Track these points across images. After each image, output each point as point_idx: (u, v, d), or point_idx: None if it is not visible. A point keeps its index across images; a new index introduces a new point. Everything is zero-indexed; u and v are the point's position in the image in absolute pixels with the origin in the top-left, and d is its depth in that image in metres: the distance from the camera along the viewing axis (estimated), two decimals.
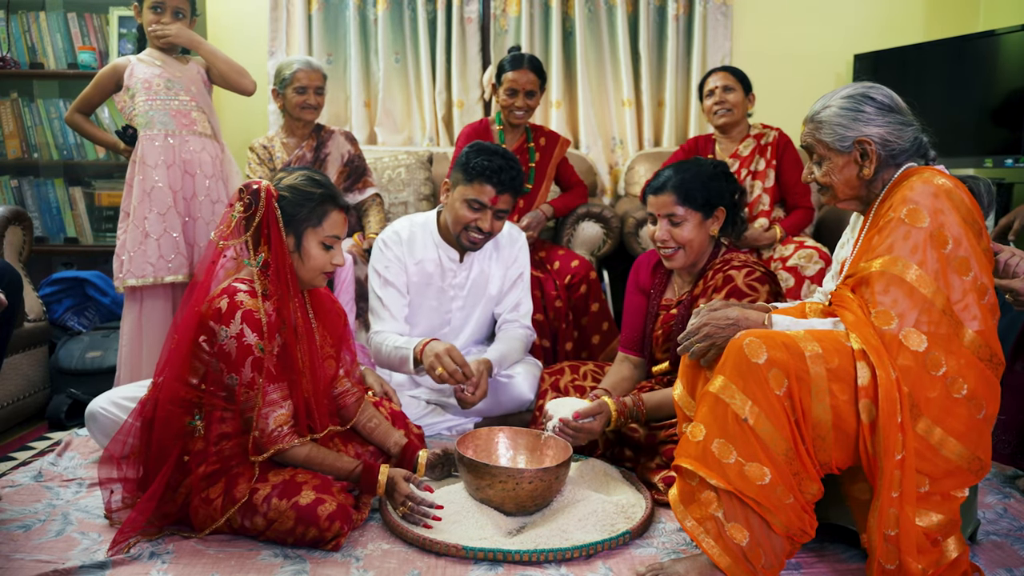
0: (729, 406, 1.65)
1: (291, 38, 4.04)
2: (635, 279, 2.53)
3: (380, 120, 4.12)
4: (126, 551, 1.85)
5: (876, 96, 1.82)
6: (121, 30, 3.80)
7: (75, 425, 2.81)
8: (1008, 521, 2.08)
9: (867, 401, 1.61)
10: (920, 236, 1.67)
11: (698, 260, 2.34)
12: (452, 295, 2.77)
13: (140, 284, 2.86)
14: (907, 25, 4.13)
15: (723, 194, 2.30)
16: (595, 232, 3.53)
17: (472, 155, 2.56)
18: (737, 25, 4.13)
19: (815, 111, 1.87)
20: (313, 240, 2.00)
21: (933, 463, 1.64)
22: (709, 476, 1.66)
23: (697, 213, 2.27)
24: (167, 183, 2.89)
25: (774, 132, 3.37)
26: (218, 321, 1.90)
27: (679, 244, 2.28)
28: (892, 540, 1.60)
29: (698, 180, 2.27)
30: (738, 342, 1.68)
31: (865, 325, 1.66)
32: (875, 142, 1.79)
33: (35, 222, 3.84)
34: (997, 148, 3.43)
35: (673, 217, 2.27)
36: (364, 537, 1.95)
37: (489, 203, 2.55)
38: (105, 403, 2.36)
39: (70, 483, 2.28)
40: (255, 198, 1.93)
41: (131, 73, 2.92)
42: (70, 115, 3.07)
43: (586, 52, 4.09)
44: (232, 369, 1.91)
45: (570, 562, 1.84)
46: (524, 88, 3.29)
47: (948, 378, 1.64)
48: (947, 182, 1.72)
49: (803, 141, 1.92)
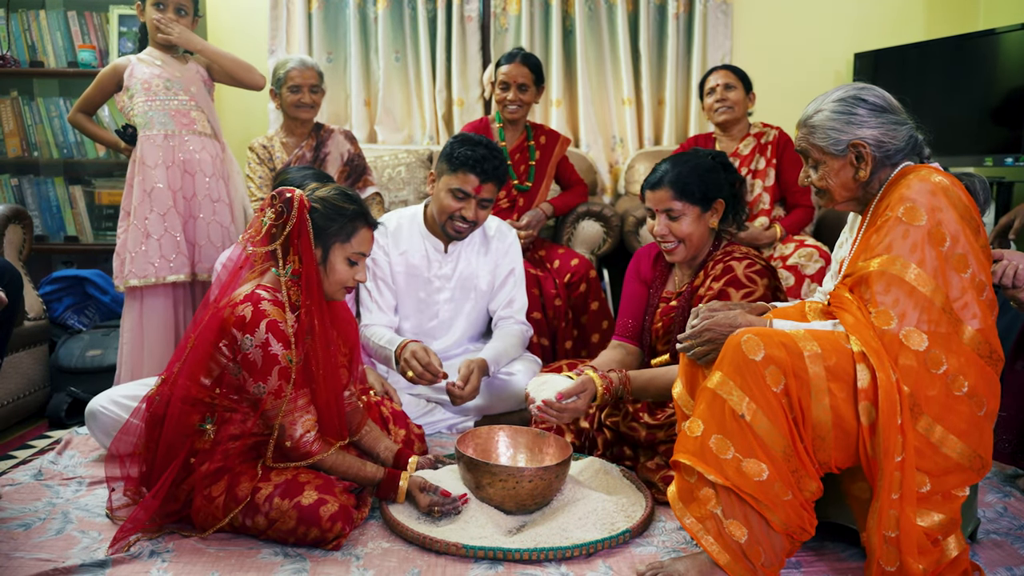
0: (726, 402, 1.66)
1: (291, 36, 4.04)
2: (635, 269, 2.52)
3: (380, 119, 4.12)
4: (126, 549, 1.85)
5: (868, 98, 1.81)
6: (121, 28, 3.80)
7: (75, 423, 2.81)
8: (1008, 520, 2.08)
9: (867, 403, 1.61)
10: (918, 234, 1.67)
11: (699, 253, 2.33)
12: (438, 286, 2.79)
13: (142, 284, 2.87)
14: (907, 24, 4.13)
15: (721, 186, 2.28)
16: (595, 231, 3.53)
17: (456, 145, 2.61)
18: (737, 24, 4.13)
19: (807, 115, 1.86)
20: (340, 255, 2.00)
21: (934, 461, 1.64)
22: (707, 472, 1.66)
23: (695, 207, 2.25)
24: (167, 183, 2.88)
25: (774, 131, 3.37)
26: (242, 329, 1.89)
27: (678, 238, 2.27)
28: (892, 542, 1.60)
29: (695, 173, 2.25)
30: (736, 339, 1.68)
31: (865, 327, 1.65)
32: (870, 144, 1.79)
33: (35, 221, 3.84)
34: (997, 147, 3.43)
35: (671, 212, 2.25)
36: (364, 536, 1.95)
37: (473, 192, 2.60)
38: (105, 402, 2.36)
39: (70, 481, 2.28)
40: (287, 206, 1.93)
41: (131, 73, 2.92)
42: (73, 115, 3.07)
43: (586, 50, 4.09)
44: (259, 378, 1.90)
45: (570, 561, 1.84)
46: (516, 81, 3.29)
47: (949, 376, 1.64)
48: (944, 179, 1.72)
49: (797, 145, 1.91)
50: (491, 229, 2.88)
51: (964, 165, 3.62)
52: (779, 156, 3.35)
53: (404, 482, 2.02)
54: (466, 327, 2.86)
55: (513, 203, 3.40)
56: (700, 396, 1.73)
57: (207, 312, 1.98)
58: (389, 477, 2.03)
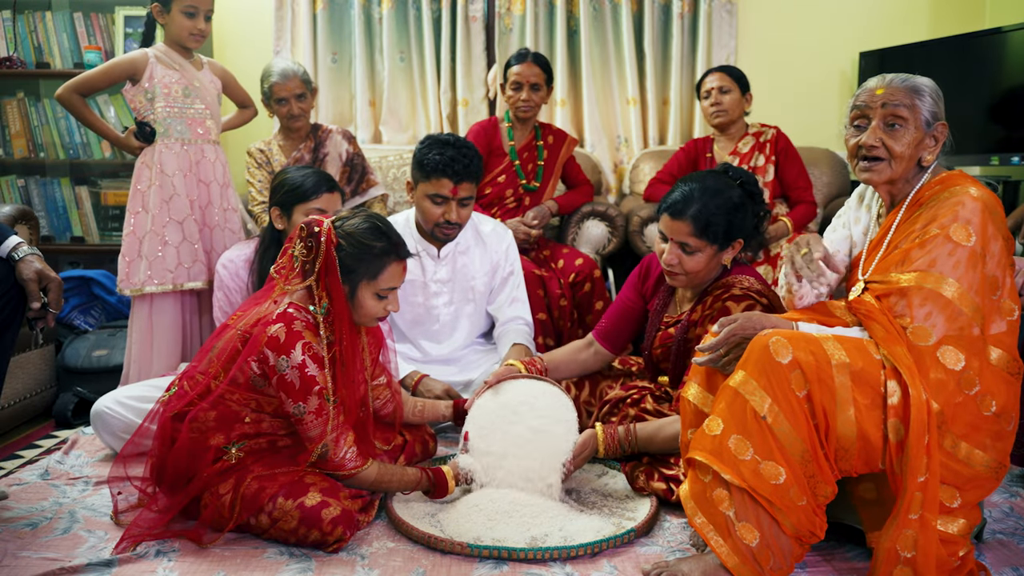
0: (748, 402, 1.63)
1: (296, 37, 4.04)
2: (640, 277, 2.45)
3: (385, 119, 4.13)
4: (132, 549, 1.85)
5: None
6: (127, 29, 3.81)
7: (81, 423, 2.82)
8: (1015, 520, 2.08)
9: (896, 420, 1.59)
10: (964, 254, 1.66)
11: (703, 282, 2.24)
12: (435, 290, 2.79)
13: (160, 291, 2.88)
14: (913, 22, 4.11)
15: (745, 225, 2.16)
16: (600, 231, 3.52)
17: (425, 151, 2.61)
18: (742, 23, 4.12)
19: (904, 78, 1.82)
20: (367, 292, 1.97)
21: (958, 473, 1.65)
22: (723, 471, 1.63)
23: (712, 246, 2.13)
24: (185, 192, 2.91)
25: (772, 130, 3.40)
26: (276, 350, 1.88)
27: (686, 272, 2.16)
28: (909, 562, 1.59)
29: (722, 212, 2.10)
30: (763, 340, 1.65)
31: (896, 341, 1.64)
32: (947, 133, 1.80)
33: (41, 221, 3.85)
34: (1003, 146, 3.42)
35: (686, 246, 2.13)
36: (370, 535, 1.96)
37: (450, 194, 2.61)
38: (111, 403, 2.37)
39: (76, 481, 2.28)
40: (315, 241, 1.91)
41: (151, 75, 2.86)
42: (68, 94, 2.88)
43: (591, 50, 4.08)
44: (298, 399, 1.88)
45: (575, 560, 1.84)
46: (528, 81, 3.29)
47: (979, 397, 1.64)
48: (988, 196, 1.71)
49: (887, 99, 1.80)
50: (486, 229, 2.87)
51: (970, 164, 3.61)
52: (778, 154, 3.38)
53: (451, 476, 2.07)
54: (470, 328, 2.86)
55: (520, 202, 3.40)
56: (721, 394, 1.71)
57: (231, 330, 1.96)
58: (437, 477, 2.05)
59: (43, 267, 2.02)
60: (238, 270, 2.71)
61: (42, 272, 2.01)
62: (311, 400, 1.88)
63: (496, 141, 3.42)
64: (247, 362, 1.90)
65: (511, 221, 3.24)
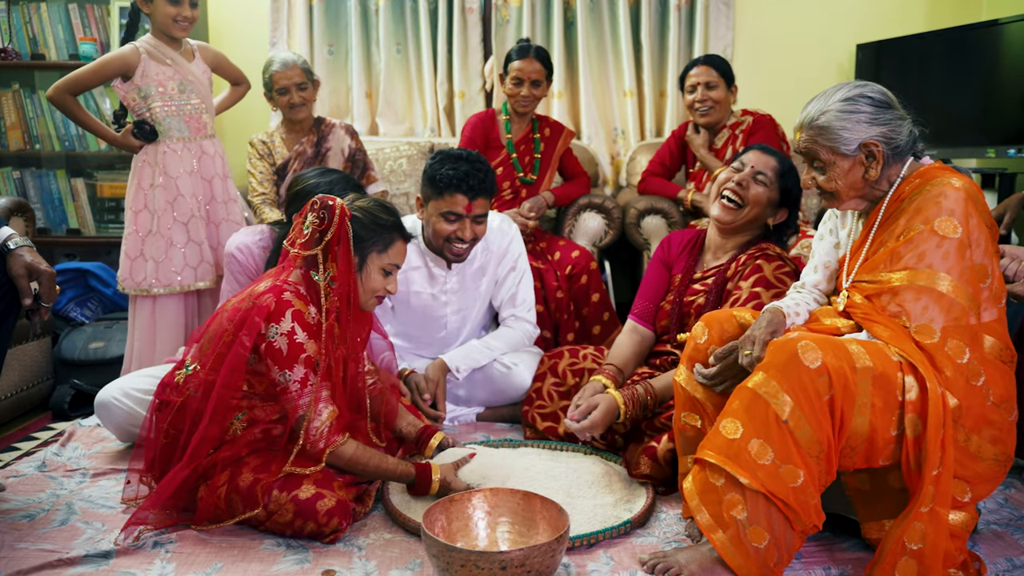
0: (770, 406, 1.61)
1: (292, 29, 4.03)
2: (663, 251, 2.52)
3: (381, 111, 4.12)
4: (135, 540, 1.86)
5: (872, 95, 1.78)
6: (122, 21, 3.78)
7: (78, 415, 2.82)
8: (1009, 511, 2.09)
9: (913, 416, 1.59)
10: (952, 246, 1.66)
11: (748, 228, 2.34)
12: (444, 300, 2.75)
13: (167, 293, 2.89)
14: (910, 15, 4.10)
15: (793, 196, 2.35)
16: (596, 223, 3.52)
17: (436, 166, 2.50)
18: (739, 15, 4.11)
19: (812, 117, 1.79)
20: (376, 264, 2.03)
21: (972, 469, 1.66)
22: (740, 474, 1.61)
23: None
24: (189, 192, 2.91)
25: (749, 118, 3.35)
26: (266, 319, 1.90)
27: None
28: (915, 555, 1.59)
29: (793, 173, 2.31)
30: (792, 344, 1.63)
31: (905, 339, 1.64)
32: (880, 143, 1.76)
33: (37, 213, 3.84)
34: (1000, 138, 3.42)
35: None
36: (367, 526, 1.96)
37: (464, 211, 2.51)
38: (117, 393, 2.37)
39: (74, 473, 2.29)
40: (328, 213, 1.95)
41: (143, 72, 2.85)
42: (60, 95, 2.83)
43: (588, 42, 4.07)
44: (284, 366, 1.89)
45: (572, 551, 1.84)
46: (529, 77, 3.28)
47: (983, 387, 1.65)
48: (967, 184, 1.70)
49: (801, 147, 1.83)
50: (491, 228, 2.80)
51: (967, 157, 3.61)
52: (747, 142, 3.27)
53: (436, 474, 2.02)
54: (472, 329, 2.86)
55: (517, 194, 3.40)
56: (737, 395, 1.68)
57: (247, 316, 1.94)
58: (420, 471, 2.02)
59: (33, 260, 1.97)
60: (253, 254, 2.71)
61: (31, 265, 1.96)
62: (297, 369, 1.89)
63: (493, 133, 3.41)
64: (238, 339, 1.91)
65: (507, 213, 3.24)
